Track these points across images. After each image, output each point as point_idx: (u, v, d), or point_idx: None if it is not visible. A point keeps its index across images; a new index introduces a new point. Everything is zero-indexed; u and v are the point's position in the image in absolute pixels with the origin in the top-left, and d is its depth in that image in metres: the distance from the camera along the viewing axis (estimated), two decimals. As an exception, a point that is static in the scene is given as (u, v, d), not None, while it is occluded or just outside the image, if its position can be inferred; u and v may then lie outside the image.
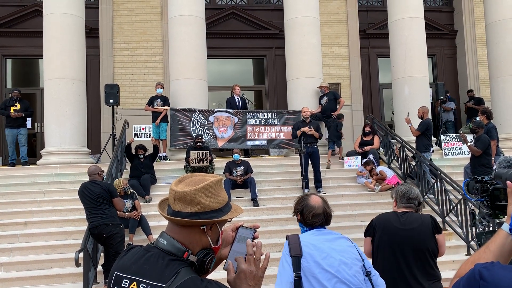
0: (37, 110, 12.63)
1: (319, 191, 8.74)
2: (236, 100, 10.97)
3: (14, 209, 8.01)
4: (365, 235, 3.26)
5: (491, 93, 12.28)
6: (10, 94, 10.43)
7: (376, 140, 10.20)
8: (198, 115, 10.18)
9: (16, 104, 10.00)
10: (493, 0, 11.87)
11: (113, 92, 10.56)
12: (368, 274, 2.40)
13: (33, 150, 12.39)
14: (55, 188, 8.72)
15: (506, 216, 1.35)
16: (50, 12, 9.93)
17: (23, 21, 13.15)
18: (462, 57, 15.11)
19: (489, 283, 1.10)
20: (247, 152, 10.87)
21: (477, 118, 8.67)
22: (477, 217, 6.26)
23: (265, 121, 10.56)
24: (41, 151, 10.18)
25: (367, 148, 9.92)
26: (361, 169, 9.23)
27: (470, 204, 7.00)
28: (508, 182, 1.36)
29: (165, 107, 10.16)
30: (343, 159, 10.08)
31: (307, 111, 9.23)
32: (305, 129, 8.84)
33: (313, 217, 2.61)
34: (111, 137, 10.57)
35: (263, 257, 1.38)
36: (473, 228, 6.89)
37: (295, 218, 7.40)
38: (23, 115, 10.10)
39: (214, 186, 1.39)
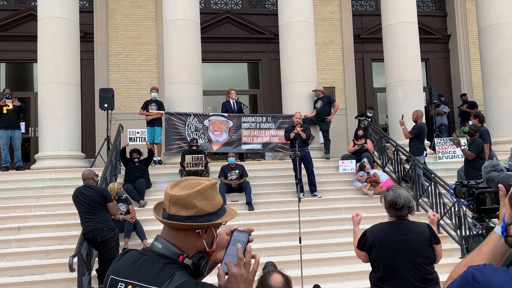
0: (31, 115, 12.57)
1: (315, 195, 8.76)
2: (232, 104, 10.99)
3: (7, 214, 7.95)
4: (358, 248, 3.22)
5: (484, 97, 12.37)
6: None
7: (370, 143, 10.25)
8: (193, 119, 10.18)
9: (8, 104, 9.81)
10: (485, 5, 11.98)
11: (107, 96, 10.52)
12: None
13: (27, 155, 12.30)
14: (49, 192, 8.66)
15: (497, 219, 1.36)
16: (45, 16, 9.91)
17: (17, 25, 13.11)
18: (455, 61, 15.23)
19: (481, 285, 1.11)
20: (241, 156, 10.88)
21: (470, 122, 8.74)
22: (470, 220, 6.32)
23: (260, 125, 10.57)
24: (35, 156, 10.12)
25: (366, 146, 10.00)
26: (362, 174, 9.21)
27: (457, 207, 7.06)
28: (500, 185, 1.37)
29: (160, 112, 10.15)
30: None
31: (299, 118, 9.20)
32: (298, 129, 8.85)
33: None
34: (106, 141, 10.54)
35: (253, 260, 1.38)
36: (459, 231, 6.99)
37: (290, 222, 7.48)
38: (19, 103, 9.86)
39: (209, 190, 1.40)
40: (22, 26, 13.08)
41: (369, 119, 11.80)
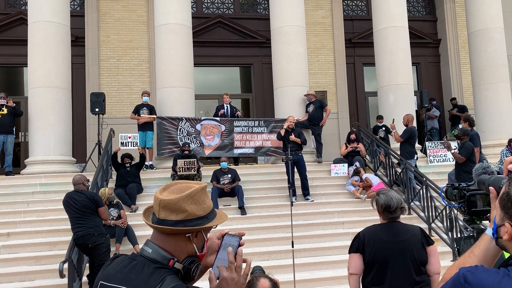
0: (22, 119, 12.44)
1: (307, 199, 8.77)
2: (225, 108, 11.00)
3: (-4, 219, 7.86)
4: (352, 251, 3.15)
5: (474, 101, 12.50)
6: None
7: (362, 147, 10.29)
8: (185, 123, 10.15)
9: (3, 108, 9.73)
10: (474, 10, 12.13)
11: (99, 101, 10.47)
12: None
13: (17, 160, 12.18)
14: (39, 198, 8.58)
15: (488, 221, 1.37)
16: (35, 20, 9.85)
17: (8, 29, 13.01)
18: (445, 65, 15.37)
19: (473, 286, 1.12)
20: (236, 160, 10.86)
21: (460, 125, 8.82)
22: (461, 223, 6.36)
23: (252, 129, 10.57)
24: (25, 161, 10.02)
25: (359, 148, 10.02)
26: (357, 179, 9.21)
27: (448, 210, 7.10)
28: (490, 187, 1.38)
29: (152, 116, 10.11)
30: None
31: (293, 122, 9.24)
32: (283, 131, 8.98)
33: None
34: (97, 146, 10.46)
35: (245, 264, 1.38)
36: (450, 233, 7.03)
37: (283, 226, 7.43)
38: (14, 104, 9.78)
39: (199, 193, 1.39)
40: (12, 30, 12.99)
41: (383, 129, 11.10)
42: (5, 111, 9.66)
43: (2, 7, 13.24)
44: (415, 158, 9.26)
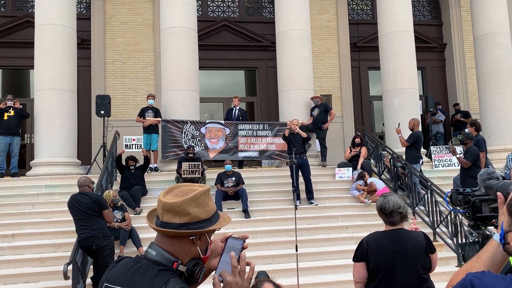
0: (27, 121, 12.51)
1: (312, 203, 8.75)
2: (233, 111, 11.02)
3: (1, 221, 7.88)
4: (356, 260, 3.09)
5: (479, 106, 12.44)
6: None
7: (364, 150, 10.20)
8: (190, 126, 10.17)
9: (10, 110, 9.79)
10: (480, 15, 12.10)
11: (104, 103, 10.52)
12: None
13: (22, 161, 12.23)
14: (44, 199, 8.61)
15: (493, 227, 1.36)
16: (42, 23, 9.92)
17: (15, 32, 13.11)
18: (451, 69, 15.32)
19: (479, 292, 1.11)
20: (240, 163, 10.86)
21: (466, 130, 8.77)
22: (466, 228, 6.32)
23: (256, 133, 10.58)
24: (30, 162, 10.07)
25: (362, 152, 9.98)
26: (362, 183, 9.16)
27: (453, 215, 7.06)
28: (498, 193, 1.37)
29: (157, 119, 10.14)
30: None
31: (297, 124, 9.24)
32: (298, 130, 8.92)
33: None
34: (102, 148, 10.51)
35: (248, 267, 1.37)
36: (455, 239, 6.99)
37: (287, 230, 7.41)
38: (21, 106, 9.89)
39: (203, 196, 1.39)
40: (20, 32, 13.09)
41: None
42: (12, 113, 9.73)
43: (10, 10, 13.36)
44: (421, 162, 9.22)
